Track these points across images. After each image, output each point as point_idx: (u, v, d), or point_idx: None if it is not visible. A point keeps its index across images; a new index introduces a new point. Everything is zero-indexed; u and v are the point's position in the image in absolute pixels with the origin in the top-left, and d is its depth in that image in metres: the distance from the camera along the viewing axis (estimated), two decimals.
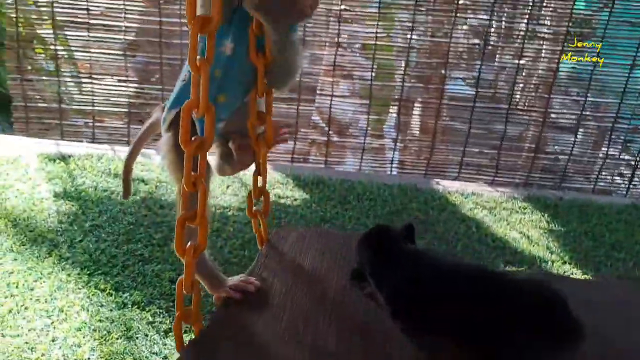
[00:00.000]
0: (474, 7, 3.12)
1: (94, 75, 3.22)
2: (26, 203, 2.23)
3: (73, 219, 2.16)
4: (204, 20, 0.89)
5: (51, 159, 2.63)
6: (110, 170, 2.57)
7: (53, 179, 2.43)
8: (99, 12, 3.14)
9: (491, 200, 2.64)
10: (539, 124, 3.21)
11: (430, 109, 3.25)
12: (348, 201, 2.49)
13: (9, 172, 2.45)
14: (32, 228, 2.08)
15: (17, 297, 1.78)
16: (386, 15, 3.10)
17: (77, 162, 2.61)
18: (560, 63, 3.10)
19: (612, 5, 2.91)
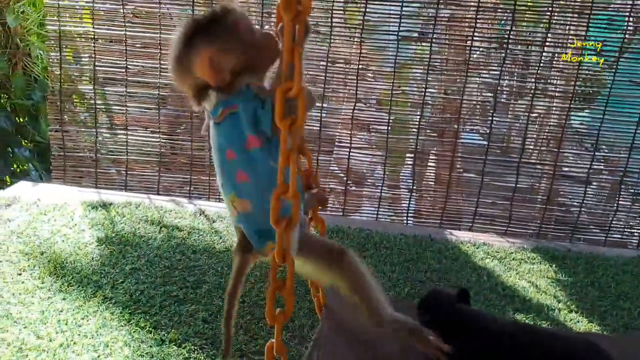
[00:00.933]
0: (485, 66, 3.46)
1: (128, 127, 3.60)
2: (72, 247, 2.55)
3: (114, 262, 2.46)
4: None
5: (94, 206, 2.96)
6: (147, 217, 2.89)
7: (96, 225, 2.75)
8: (137, 70, 3.55)
9: (502, 250, 2.88)
10: (550, 176, 3.47)
11: (445, 161, 3.54)
12: (366, 249, 2.76)
13: (57, 219, 2.78)
14: (79, 270, 2.39)
15: (67, 332, 2.05)
16: (401, 74, 3.45)
17: (116, 210, 2.93)
18: (570, 116, 3.39)
19: (617, 66, 3.22)
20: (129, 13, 3.46)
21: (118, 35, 3.47)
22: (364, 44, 3.35)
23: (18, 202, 2.94)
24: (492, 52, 3.44)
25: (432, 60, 3.32)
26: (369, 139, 3.68)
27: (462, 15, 3.35)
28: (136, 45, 3.52)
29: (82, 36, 3.56)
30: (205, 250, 2.59)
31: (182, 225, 2.85)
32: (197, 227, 2.83)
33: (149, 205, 3.06)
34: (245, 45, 1.18)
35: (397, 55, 3.31)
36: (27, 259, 2.44)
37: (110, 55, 3.53)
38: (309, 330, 2.14)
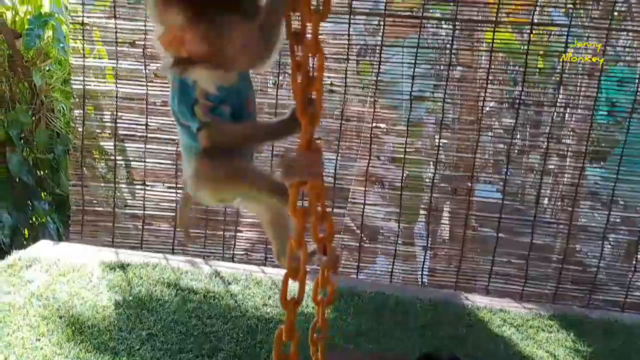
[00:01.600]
0: (497, 125, 3.51)
1: (147, 182, 3.68)
2: (90, 311, 2.58)
3: (131, 327, 2.48)
4: None
5: (112, 267, 3.01)
6: (164, 279, 2.93)
7: (113, 287, 2.79)
8: (156, 127, 3.66)
9: (518, 317, 2.86)
10: (565, 235, 3.46)
11: (459, 218, 3.56)
12: (382, 314, 2.76)
13: (75, 280, 2.83)
14: (96, 336, 2.41)
15: None
16: (414, 132, 3.51)
17: (134, 271, 2.98)
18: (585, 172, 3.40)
19: (629, 125, 3.25)
20: (151, 73, 3.60)
21: (139, 94, 3.60)
22: (377, 103, 3.43)
23: (38, 262, 3.00)
24: (504, 111, 3.50)
25: (444, 119, 3.40)
26: (382, 194, 3.72)
27: (473, 76, 3.44)
28: (156, 103, 3.64)
29: (105, 94, 3.70)
30: (221, 315, 2.61)
31: (198, 288, 2.87)
32: (212, 289, 2.86)
33: (165, 266, 3.10)
34: (222, 45, 1.05)
35: (410, 114, 3.38)
36: (46, 323, 2.47)
37: (131, 112, 3.65)
38: None
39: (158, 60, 3.55)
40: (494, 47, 3.22)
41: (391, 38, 3.35)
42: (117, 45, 3.53)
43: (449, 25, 3.31)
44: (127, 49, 3.55)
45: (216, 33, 1.04)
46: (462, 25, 3.26)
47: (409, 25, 3.31)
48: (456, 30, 3.25)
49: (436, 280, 3.58)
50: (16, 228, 3.86)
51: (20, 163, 3.97)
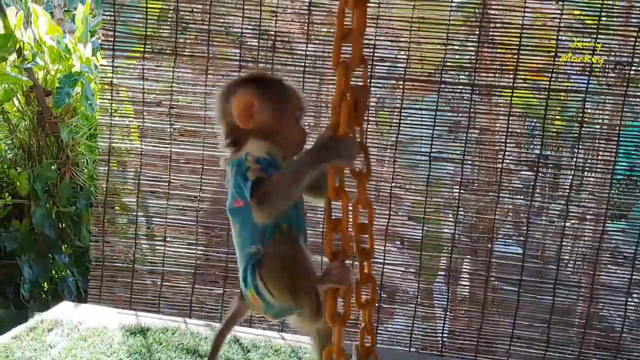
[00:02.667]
0: (516, 188, 3.55)
1: (167, 238, 3.73)
2: None
3: None
4: None
5: (132, 332, 2.99)
6: (183, 345, 2.91)
7: (134, 353, 2.77)
8: (179, 184, 3.75)
9: None
10: (587, 299, 3.41)
11: (479, 279, 3.53)
12: None
13: (96, 345, 2.82)
14: None
15: None
16: (433, 192, 3.55)
17: (154, 336, 2.96)
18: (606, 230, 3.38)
19: None
20: (175, 132, 3.72)
21: (163, 151, 3.71)
22: (396, 163, 3.50)
23: (60, 325, 2.99)
24: (523, 173, 3.54)
25: (463, 179, 3.44)
26: (402, 254, 3.71)
27: (491, 138, 3.51)
28: (180, 161, 3.75)
29: (130, 151, 3.82)
30: None
31: None
32: (231, 357, 2.84)
33: (184, 331, 3.09)
34: (283, 116, 1.32)
35: (429, 174, 3.44)
36: None
37: (155, 169, 3.75)
38: None
39: (182, 119, 3.70)
40: (511, 111, 3.31)
41: (410, 100, 3.47)
42: (144, 105, 3.69)
43: (466, 89, 3.42)
44: (152, 108, 3.70)
45: (281, 106, 1.31)
46: (479, 89, 3.37)
47: (428, 89, 3.43)
48: (474, 94, 3.36)
49: (456, 344, 3.51)
50: (36, 282, 3.90)
51: (43, 217, 4.06)
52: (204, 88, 3.60)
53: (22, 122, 4.40)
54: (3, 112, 4.29)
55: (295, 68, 3.52)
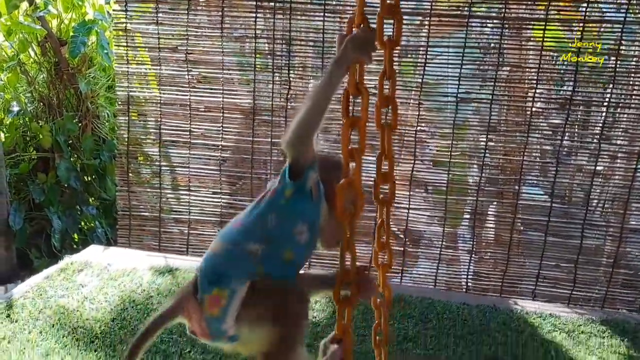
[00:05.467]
0: (545, 127, 3.45)
1: (191, 188, 3.76)
2: (141, 314, 2.65)
3: (182, 330, 2.52)
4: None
5: (161, 272, 3.08)
6: None
7: (163, 291, 2.86)
8: (200, 133, 3.73)
9: (569, 322, 2.80)
10: (616, 238, 3.37)
11: (505, 222, 3.51)
12: (429, 319, 2.74)
13: (126, 284, 2.91)
14: None
15: None
16: (460, 134, 3.47)
17: (182, 275, 3.04)
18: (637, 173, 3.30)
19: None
20: (193, 79, 3.67)
21: (182, 99, 3.68)
22: (422, 105, 3.41)
23: (90, 266, 3.08)
24: (553, 111, 3.43)
25: (491, 121, 3.35)
26: (426, 198, 3.69)
27: (521, 76, 3.38)
28: (200, 109, 3.72)
29: (149, 100, 3.80)
30: None
31: None
32: None
33: None
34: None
35: (455, 116, 3.35)
36: (99, 325, 2.55)
37: (175, 118, 3.73)
38: None
39: (200, 65, 3.64)
40: (543, 45, 3.16)
41: (436, 38, 3.33)
42: (160, 51, 3.63)
43: (496, 23, 3.27)
44: (169, 55, 3.64)
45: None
46: (510, 23, 3.22)
47: (455, 25, 3.29)
48: (504, 28, 3.21)
49: (480, 285, 3.54)
50: (66, 232, 4.00)
51: (68, 169, 4.11)
52: (220, 32, 3.51)
53: (40, 75, 4.38)
54: (20, 63, 4.27)
55: (313, 6, 3.42)
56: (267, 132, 3.62)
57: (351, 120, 1.30)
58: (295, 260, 1.34)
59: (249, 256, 1.28)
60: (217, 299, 1.27)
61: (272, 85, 3.55)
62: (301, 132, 1.28)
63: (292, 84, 3.51)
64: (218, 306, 1.27)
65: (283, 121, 3.56)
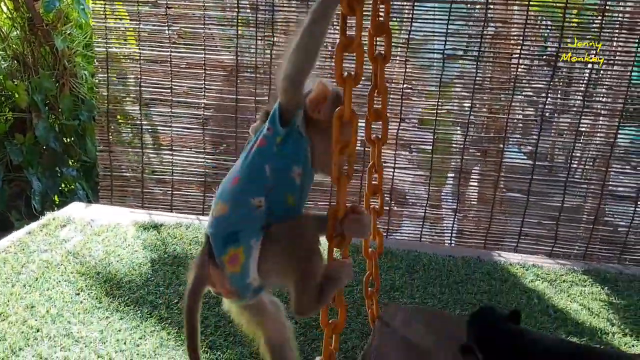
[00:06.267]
0: (530, 84, 3.48)
1: (174, 148, 3.72)
2: (127, 268, 2.64)
3: (169, 282, 2.54)
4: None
5: (145, 227, 3.06)
6: (198, 239, 2.97)
7: (148, 246, 2.85)
8: (182, 91, 3.68)
9: (551, 272, 2.88)
10: (597, 195, 3.45)
11: (488, 181, 3.56)
12: (415, 270, 2.79)
13: (110, 239, 2.89)
14: (134, 290, 2.47)
15: (126, 352, 2.12)
16: (446, 93, 3.49)
17: (168, 231, 3.03)
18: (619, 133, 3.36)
19: None
20: (174, 34, 3.60)
21: (163, 56, 3.61)
22: (408, 63, 3.41)
23: (72, 222, 3.05)
24: (538, 69, 3.46)
25: (477, 79, 3.36)
26: (412, 158, 3.72)
27: (508, 33, 3.39)
28: (181, 66, 3.65)
29: (128, 57, 3.72)
30: None
31: None
32: None
33: (198, 227, 3.15)
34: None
35: (442, 74, 3.36)
36: (84, 279, 2.54)
37: (156, 76, 3.67)
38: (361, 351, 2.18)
39: (180, 21, 3.56)
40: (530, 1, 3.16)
41: None
42: (139, 6, 3.54)
43: None
44: (148, 9, 3.55)
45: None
46: None
47: None
48: None
49: (464, 243, 3.60)
50: (46, 194, 3.94)
51: (47, 129, 4.02)
52: None
53: (13, 31, 4.24)
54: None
55: None
56: (251, 90, 3.58)
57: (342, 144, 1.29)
58: (298, 202, 1.35)
59: (254, 210, 1.29)
60: (236, 257, 1.29)
61: (255, 41, 3.50)
62: (296, 73, 1.26)
63: (276, 40, 3.46)
64: (238, 264, 1.29)
65: (267, 79, 3.52)
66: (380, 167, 1.48)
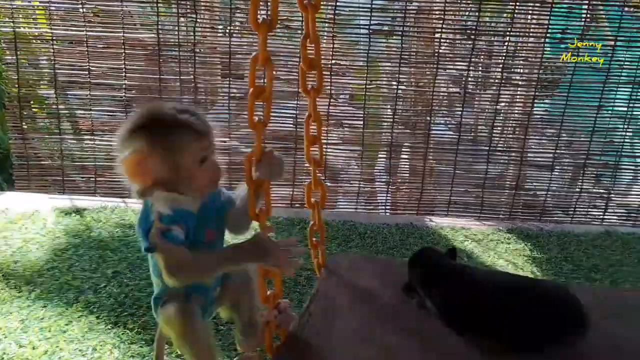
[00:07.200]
0: (453, 58, 3.61)
1: (95, 132, 3.55)
2: (49, 254, 2.50)
3: (95, 267, 2.43)
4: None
5: (67, 212, 2.91)
6: (125, 222, 2.86)
7: (71, 231, 2.70)
8: (100, 73, 3.51)
9: (479, 233, 3.04)
10: (517, 163, 3.65)
11: (418, 153, 3.67)
12: (351, 239, 2.84)
13: (28, 227, 2.72)
14: (57, 277, 2.34)
15: (51, 339, 2.01)
16: (374, 69, 3.55)
17: (92, 215, 2.89)
18: (535, 104, 3.57)
19: (578, 52, 3.41)
20: (89, 12, 3.43)
21: (78, 35, 3.43)
22: (335, 39, 3.43)
23: None
24: (459, 43, 3.59)
25: (402, 54, 3.45)
26: (343, 134, 3.76)
27: (430, 7, 3.50)
28: (98, 46, 3.49)
29: (39, 38, 3.50)
30: None
31: None
32: None
33: (125, 209, 3.04)
34: (181, 166, 1.16)
35: (369, 50, 3.41)
36: (0, 268, 2.39)
37: (71, 57, 3.48)
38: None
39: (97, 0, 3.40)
40: None
41: None
42: None
43: None
44: None
45: (176, 155, 1.14)
46: None
47: None
48: None
49: (398, 215, 3.70)
50: None
51: None
52: None
53: None
54: None
55: None
56: (174, 69, 3.48)
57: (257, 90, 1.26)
58: (215, 238, 1.31)
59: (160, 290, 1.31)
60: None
61: (177, 19, 3.40)
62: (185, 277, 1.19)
63: (199, 17, 3.38)
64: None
65: (191, 57, 3.43)
66: (318, 116, 1.47)
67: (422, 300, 1.38)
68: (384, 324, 1.32)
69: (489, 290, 1.29)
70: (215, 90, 3.70)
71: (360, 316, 1.35)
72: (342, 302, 1.42)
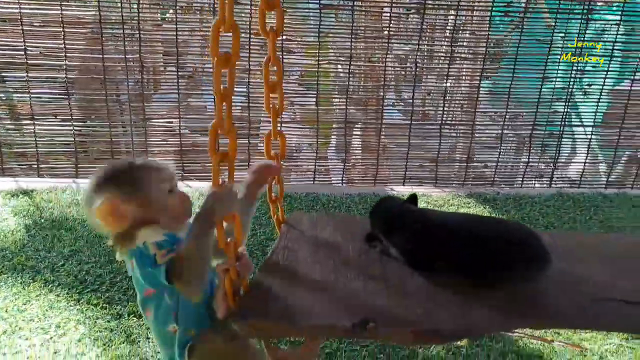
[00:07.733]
0: (402, 34, 3.70)
1: (35, 117, 3.37)
2: None
3: (50, 246, 2.31)
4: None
5: (13, 194, 2.75)
6: (77, 201, 2.74)
7: (20, 212, 2.56)
8: (38, 53, 3.34)
9: (440, 199, 3.14)
10: (468, 136, 3.79)
11: (372, 130, 3.73)
12: (315, 209, 2.85)
13: None
14: (10, 258, 2.21)
15: (9, 319, 1.91)
16: (325, 44, 3.58)
17: (41, 196, 2.75)
18: (483, 78, 3.72)
19: (522, 26, 3.58)
20: None
21: (12, 13, 3.25)
22: (286, 15, 3.43)
23: None
24: (409, 18, 3.69)
25: (354, 29, 3.49)
26: (296, 113, 3.76)
27: None
28: (34, 25, 3.32)
29: None
30: None
31: None
32: None
33: (76, 190, 2.91)
34: (152, 200, 1.23)
35: (320, 24, 3.43)
36: None
37: (5, 36, 3.29)
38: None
39: None
40: None
41: None
42: None
43: None
44: None
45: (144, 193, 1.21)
46: None
47: None
48: None
49: (354, 191, 3.74)
50: None
51: None
52: None
53: None
54: None
55: None
56: (119, 47, 3.37)
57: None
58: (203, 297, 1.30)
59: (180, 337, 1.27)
60: None
61: None
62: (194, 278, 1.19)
63: None
64: None
65: (136, 34, 3.33)
66: (277, 60, 1.46)
67: (385, 247, 1.40)
68: (348, 272, 1.34)
69: (452, 228, 1.32)
70: (160, 70, 3.61)
71: (323, 266, 1.36)
72: (304, 254, 1.42)
